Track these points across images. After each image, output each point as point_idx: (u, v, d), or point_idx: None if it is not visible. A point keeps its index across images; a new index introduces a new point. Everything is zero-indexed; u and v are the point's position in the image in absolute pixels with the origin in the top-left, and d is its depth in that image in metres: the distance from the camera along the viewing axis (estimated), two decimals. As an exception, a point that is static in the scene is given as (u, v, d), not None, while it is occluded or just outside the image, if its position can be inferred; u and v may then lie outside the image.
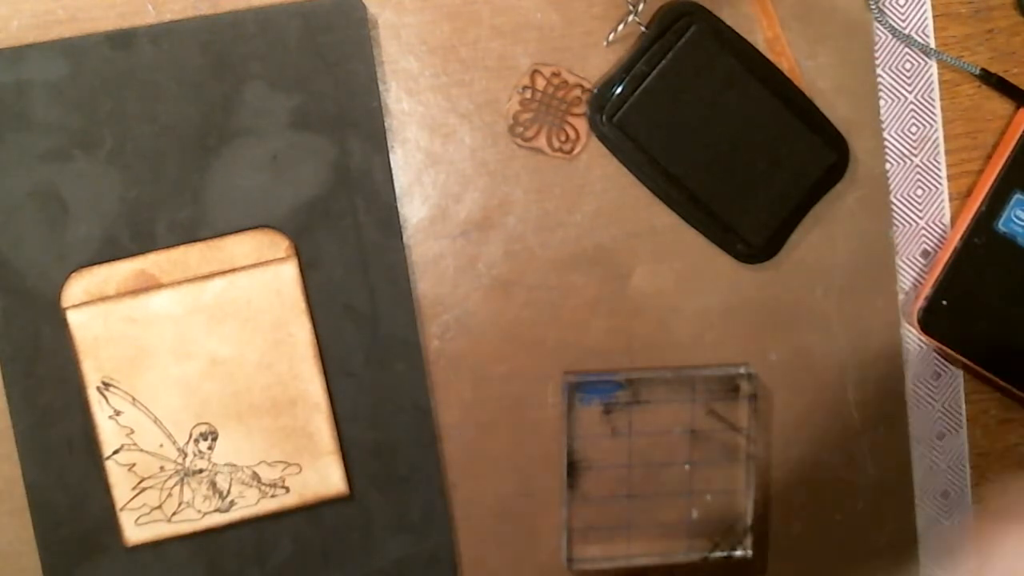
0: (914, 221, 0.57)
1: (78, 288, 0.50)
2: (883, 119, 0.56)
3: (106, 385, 0.50)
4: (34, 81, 0.50)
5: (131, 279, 0.51)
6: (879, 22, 0.56)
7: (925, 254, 0.58)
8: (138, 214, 0.51)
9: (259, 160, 0.51)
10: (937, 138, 0.57)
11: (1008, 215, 0.56)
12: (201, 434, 0.51)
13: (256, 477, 0.52)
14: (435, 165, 0.54)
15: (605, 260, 0.55)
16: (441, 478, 0.54)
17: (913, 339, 0.58)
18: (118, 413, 0.51)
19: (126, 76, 0.50)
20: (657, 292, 0.56)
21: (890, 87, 0.56)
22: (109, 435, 0.51)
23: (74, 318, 0.50)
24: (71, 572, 0.52)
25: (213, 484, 0.52)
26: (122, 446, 0.51)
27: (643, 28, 0.53)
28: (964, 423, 0.59)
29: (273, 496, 0.52)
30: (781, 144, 0.55)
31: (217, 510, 0.52)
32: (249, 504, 0.52)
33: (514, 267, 0.55)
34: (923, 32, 0.56)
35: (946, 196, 0.58)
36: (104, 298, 0.50)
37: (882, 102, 0.56)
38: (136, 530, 0.51)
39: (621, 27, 0.54)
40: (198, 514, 0.52)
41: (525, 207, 0.55)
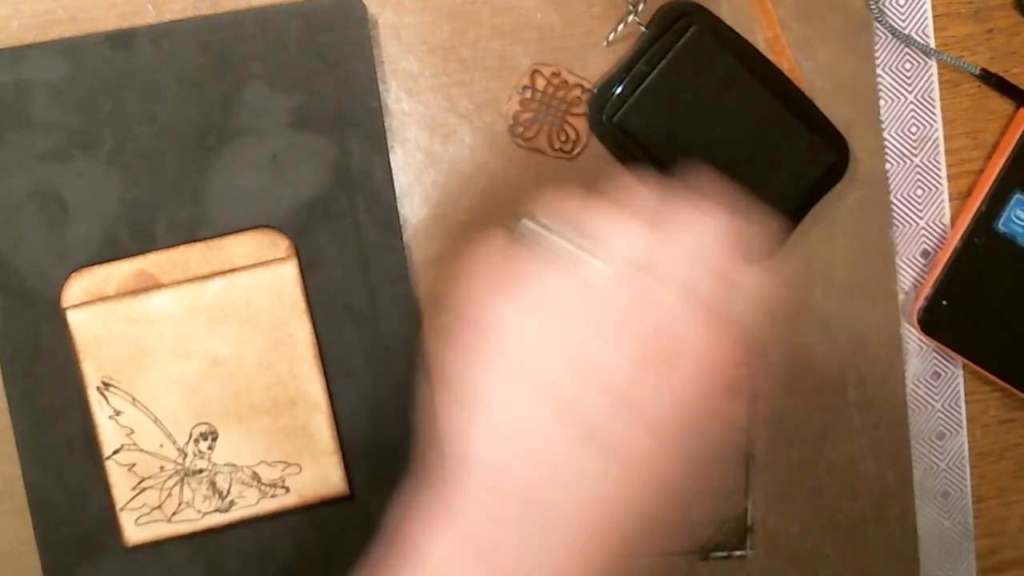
0: (914, 221, 0.57)
1: (78, 288, 0.50)
2: (883, 119, 0.56)
3: (106, 385, 0.50)
4: (34, 81, 0.50)
5: (131, 279, 0.51)
6: (879, 22, 0.56)
7: (925, 254, 0.58)
8: (138, 214, 0.51)
9: (259, 160, 0.51)
10: (937, 138, 0.57)
11: (1008, 215, 0.56)
12: (201, 434, 0.51)
13: (256, 477, 0.52)
14: (435, 165, 0.54)
15: (605, 260, 0.55)
16: (441, 478, 0.54)
17: (913, 339, 0.58)
18: (118, 413, 0.51)
19: (126, 76, 0.50)
20: (657, 292, 0.56)
21: (890, 87, 0.56)
22: (109, 435, 0.51)
23: (74, 318, 0.50)
24: (71, 572, 0.52)
25: (213, 484, 0.52)
26: (122, 446, 0.51)
27: (643, 28, 0.53)
28: (964, 423, 0.59)
29: (273, 496, 0.52)
30: (781, 144, 0.55)
31: (217, 510, 0.52)
32: (249, 504, 0.52)
33: (514, 267, 0.55)
34: (923, 32, 0.56)
35: (946, 196, 0.58)
36: (104, 298, 0.50)
37: (882, 102, 0.56)
38: (136, 530, 0.51)
39: (621, 27, 0.54)
40: (198, 514, 0.52)
41: (525, 207, 0.55)
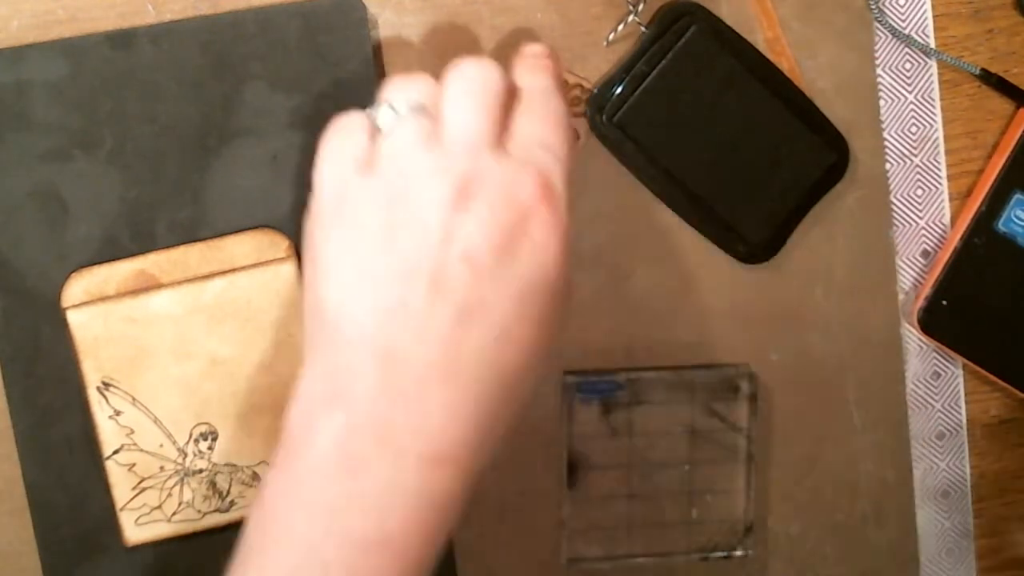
0: (914, 221, 0.57)
1: (78, 288, 0.50)
2: (883, 119, 0.56)
3: (106, 385, 0.50)
4: (34, 81, 0.50)
5: (131, 279, 0.51)
6: (879, 22, 0.56)
7: (925, 254, 0.58)
8: (138, 214, 0.51)
9: (259, 160, 0.51)
10: (937, 138, 0.57)
11: (1008, 215, 0.56)
12: (201, 434, 0.51)
13: (256, 477, 0.52)
14: (435, 165, 0.54)
15: (605, 260, 0.55)
16: (441, 478, 0.54)
17: (913, 339, 0.58)
18: (118, 413, 0.51)
19: (126, 76, 0.50)
20: (657, 292, 0.56)
21: (890, 87, 0.56)
22: (109, 435, 0.51)
23: (74, 318, 0.50)
24: (71, 572, 0.52)
25: (213, 484, 0.52)
26: (122, 446, 0.51)
27: (643, 28, 0.53)
28: (964, 423, 0.59)
29: (273, 496, 0.52)
30: (781, 144, 0.55)
31: (217, 510, 0.52)
32: (249, 504, 0.52)
33: (514, 267, 0.55)
34: (923, 32, 0.56)
35: (946, 196, 0.58)
36: (104, 298, 0.50)
37: (882, 102, 0.56)
38: (136, 530, 0.51)
39: (621, 27, 0.54)
40: (198, 514, 0.52)
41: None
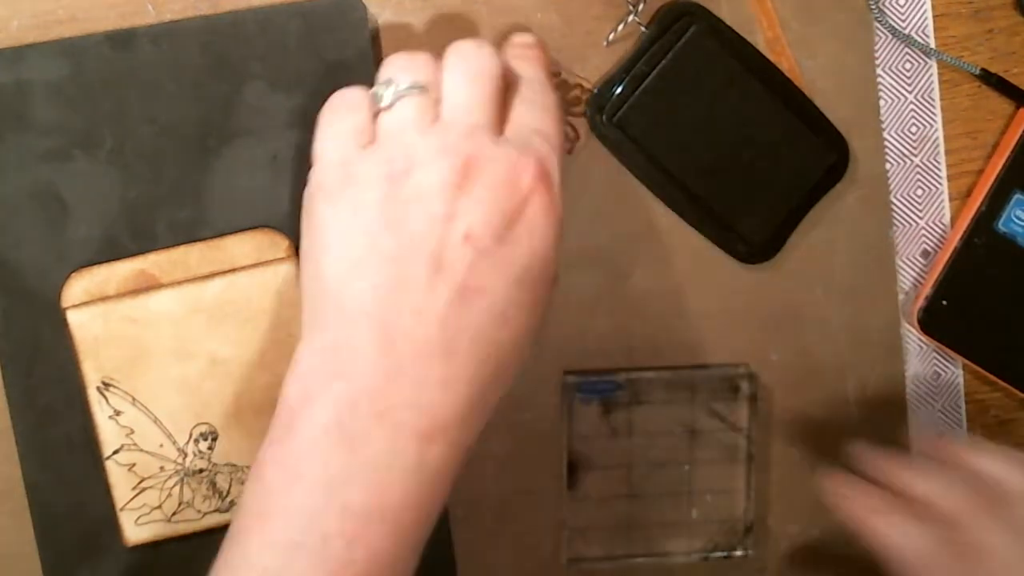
0: (914, 221, 0.57)
1: (78, 288, 0.50)
2: (883, 119, 0.56)
3: (106, 385, 0.50)
4: (34, 81, 0.50)
5: (131, 279, 0.51)
6: (879, 22, 0.56)
7: (925, 254, 0.58)
8: (138, 214, 0.51)
9: (259, 160, 0.51)
10: (937, 138, 0.57)
11: (1008, 215, 0.56)
12: (201, 434, 0.51)
13: (256, 477, 0.52)
14: (435, 165, 0.54)
15: (605, 260, 0.55)
16: (441, 478, 0.54)
17: (913, 339, 0.58)
18: (118, 413, 0.51)
19: (126, 76, 0.50)
20: (657, 292, 0.56)
21: (890, 87, 0.56)
22: (109, 435, 0.51)
23: (74, 318, 0.50)
24: (71, 572, 0.52)
25: (213, 484, 0.52)
26: (122, 446, 0.51)
27: (643, 28, 0.53)
28: (964, 423, 0.59)
29: (273, 496, 0.52)
30: (781, 144, 0.55)
31: (217, 510, 0.52)
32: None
33: (514, 267, 0.55)
34: (923, 32, 0.56)
35: (946, 196, 0.58)
36: (104, 298, 0.50)
37: (882, 102, 0.56)
38: (136, 530, 0.51)
39: (621, 27, 0.54)
40: (198, 514, 0.52)
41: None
